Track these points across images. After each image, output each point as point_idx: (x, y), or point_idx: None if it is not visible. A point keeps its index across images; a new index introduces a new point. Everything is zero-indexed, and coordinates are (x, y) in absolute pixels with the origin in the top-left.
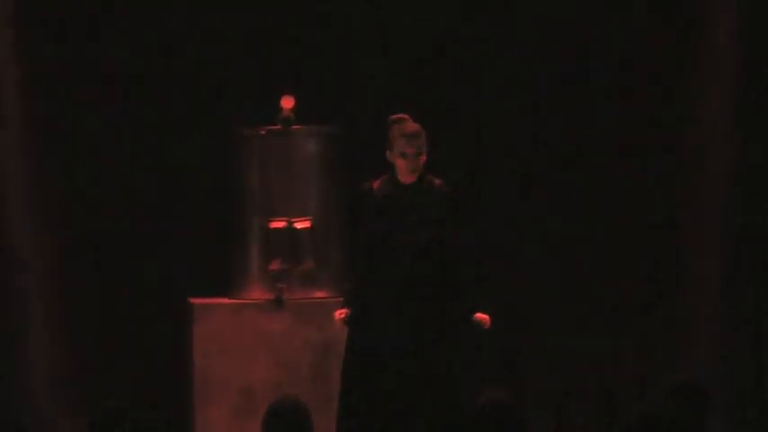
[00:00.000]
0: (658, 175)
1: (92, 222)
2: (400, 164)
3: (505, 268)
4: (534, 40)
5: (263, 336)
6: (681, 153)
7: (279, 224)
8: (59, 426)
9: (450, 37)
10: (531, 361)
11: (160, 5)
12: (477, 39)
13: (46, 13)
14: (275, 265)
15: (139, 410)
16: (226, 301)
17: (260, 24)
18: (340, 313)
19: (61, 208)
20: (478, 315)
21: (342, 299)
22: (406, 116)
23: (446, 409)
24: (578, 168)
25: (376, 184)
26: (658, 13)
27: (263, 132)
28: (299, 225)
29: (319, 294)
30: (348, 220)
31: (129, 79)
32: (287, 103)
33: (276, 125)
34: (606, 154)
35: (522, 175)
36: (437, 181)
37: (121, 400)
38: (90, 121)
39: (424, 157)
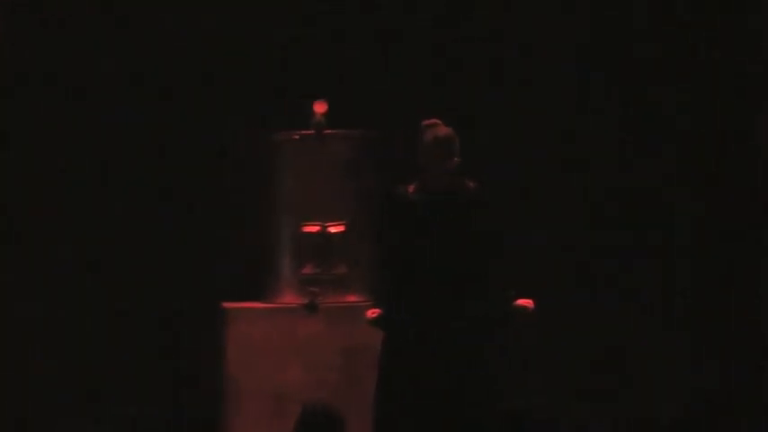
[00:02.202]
0: None
1: (123, 224)
2: (433, 168)
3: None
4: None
5: (296, 340)
6: None
7: (312, 228)
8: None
9: (487, 38)
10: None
11: (194, 7)
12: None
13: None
14: (308, 270)
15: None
16: (259, 305)
17: (291, 27)
18: (372, 312)
19: (95, 209)
20: (521, 301)
21: (373, 299)
22: (438, 121)
23: (481, 411)
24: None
25: (410, 189)
26: None
27: (297, 137)
28: (332, 229)
29: (352, 299)
30: (379, 222)
31: (164, 80)
32: (320, 107)
33: (309, 130)
34: None
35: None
36: (471, 184)
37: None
38: (123, 123)
39: (455, 161)
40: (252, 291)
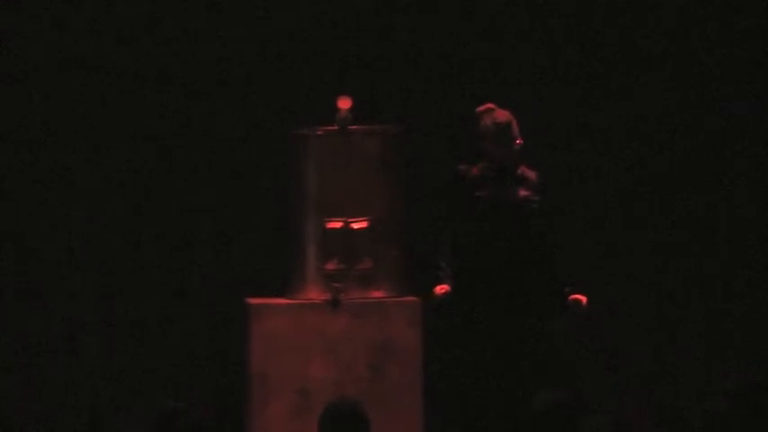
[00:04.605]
0: None
1: (147, 222)
2: (496, 153)
3: None
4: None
5: (321, 336)
6: None
7: (335, 224)
8: (122, 425)
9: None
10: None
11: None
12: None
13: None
14: (332, 265)
15: (198, 410)
16: (283, 301)
17: (316, 24)
18: (441, 288)
19: (124, 207)
20: (574, 296)
21: (438, 275)
22: (492, 105)
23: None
24: None
25: (474, 171)
26: None
27: (321, 133)
28: (355, 225)
29: (377, 294)
30: (446, 202)
31: (188, 78)
32: (344, 103)
33: (333, 126)
34: None
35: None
36: (530, 170)
37: (180, 400)
38: (153, 122)
39: (519, 143)
40: (276, 286)
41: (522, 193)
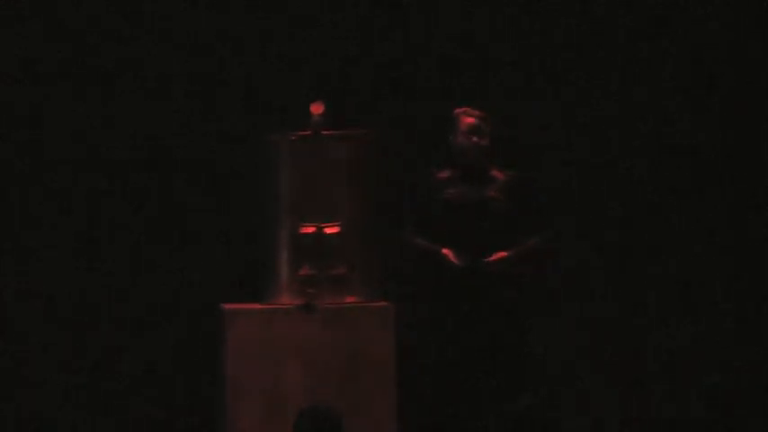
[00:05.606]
0: None
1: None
2: (466, 149)
3: None
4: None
5: (294, 341)
6: None
7: (308, 229)
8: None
9: (480, 40)
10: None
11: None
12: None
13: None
14: (305, 271)
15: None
16: (256, 306)
17: (288, 28)
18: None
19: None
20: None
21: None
22: (468, 108)
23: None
24: None
25: (445, 174)
26: None
27: (294, 137)
28: (328, 230)
29: (350, 299)
30: (417, 201)
31: (166, 80)
32: (317, 108)
33: (306, 131)
34: None
35: None
36: (500, 172)
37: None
38: (119, 120)
39: (487, 140)
40: (251, 292)
41: (491, 193)
